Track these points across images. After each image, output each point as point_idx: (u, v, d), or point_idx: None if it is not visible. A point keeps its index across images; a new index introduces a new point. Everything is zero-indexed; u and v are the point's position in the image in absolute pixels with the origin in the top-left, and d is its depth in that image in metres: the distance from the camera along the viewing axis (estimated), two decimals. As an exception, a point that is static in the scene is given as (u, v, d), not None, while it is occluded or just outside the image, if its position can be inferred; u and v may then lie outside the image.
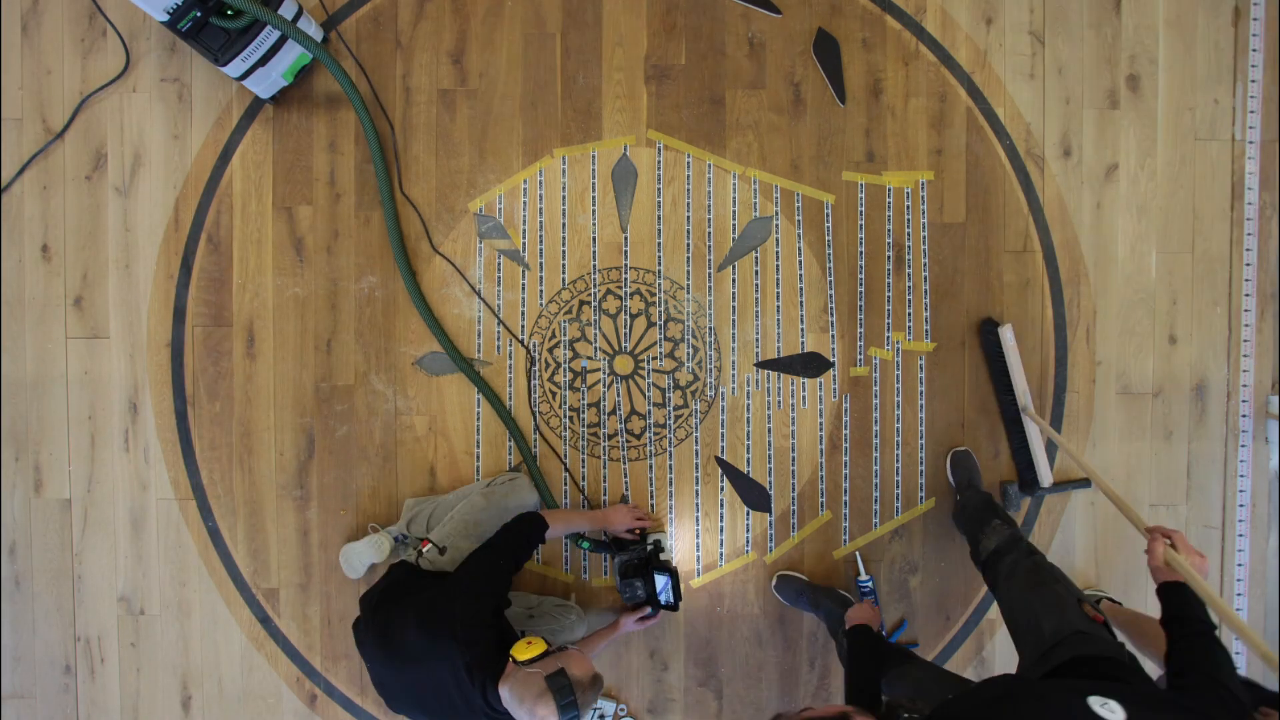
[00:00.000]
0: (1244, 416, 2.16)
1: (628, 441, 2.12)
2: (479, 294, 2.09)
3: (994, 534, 1.70)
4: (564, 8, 2.08)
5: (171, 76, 2.06)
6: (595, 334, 2.11)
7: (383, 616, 1.59)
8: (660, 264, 2.11)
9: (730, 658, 2.14)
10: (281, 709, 2.12)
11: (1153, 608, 2.14)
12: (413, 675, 1.51)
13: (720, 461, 2.13)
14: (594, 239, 2.10)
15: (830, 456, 2.13)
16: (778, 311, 2.12)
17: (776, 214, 2.11)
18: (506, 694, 1.43)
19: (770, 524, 2.13)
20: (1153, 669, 1.58)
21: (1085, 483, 2.13)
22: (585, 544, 2.03)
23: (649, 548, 1.99)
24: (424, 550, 1.75)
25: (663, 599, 1.94)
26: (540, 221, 2.10)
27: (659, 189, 2.10)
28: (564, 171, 2.10)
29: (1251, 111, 2.14)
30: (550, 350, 2.11)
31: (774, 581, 2.11)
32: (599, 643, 1.96)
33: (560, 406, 2.11)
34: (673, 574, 1.94)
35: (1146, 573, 2.14)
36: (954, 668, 2.15)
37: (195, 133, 2.07)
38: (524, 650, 1.46)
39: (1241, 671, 1.30)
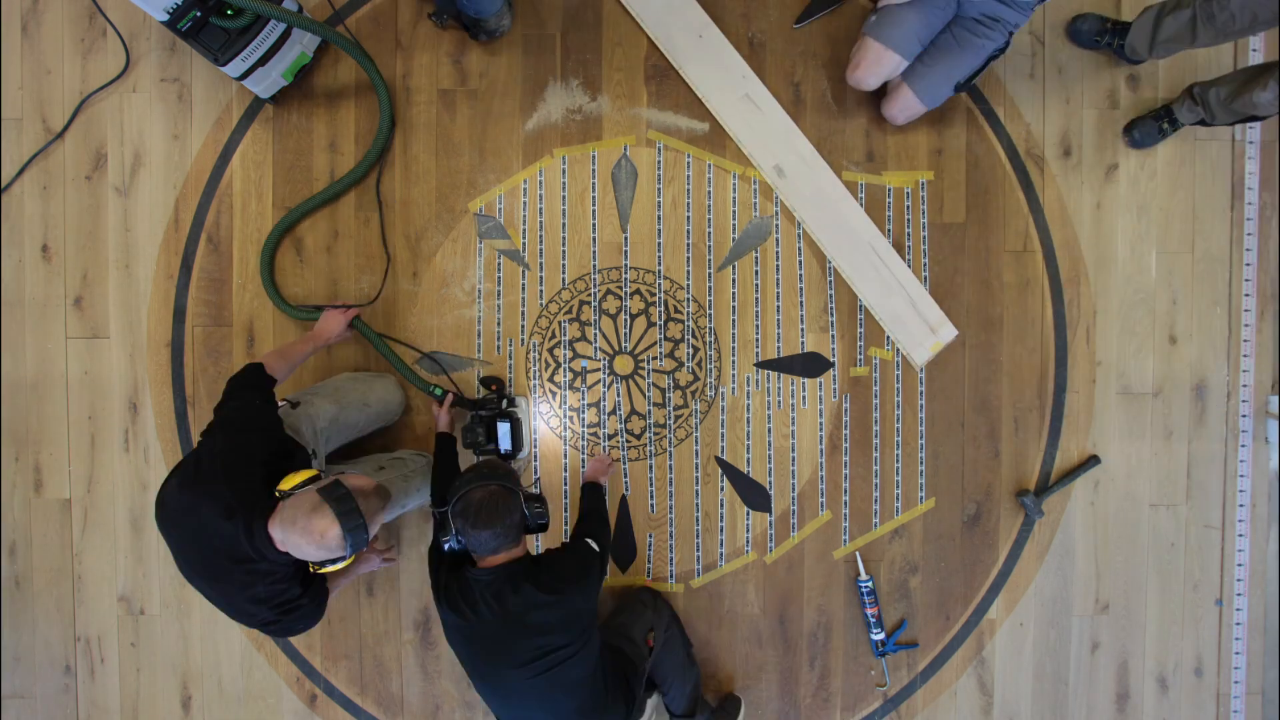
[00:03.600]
0: (1244, 416, 2.16)
1: (628, 441, 2.12)
2: (478, 285, 2.09)
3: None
4: (564, 8, 2.08)
5: (171, 76, 2.06)
6: (595, 334, 2.11)
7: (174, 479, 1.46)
8: (660, 264, 2.11)
9: (730, 658, 2.14)
10: (281, 709, 2.12)
11: (1153, 607, 2.15)
12: (189, 532, 1.37)
13: (720, 461, 2.13)
14: (594, 239, 2.10)
15: (830, 456, 2.13)
16: (778, 311, 2.12)
17: (776, 214, 2.11)
18: (278, 530, 1.29)
19: (770, 524, 2.13)
20: None
21: (1094, 461, 2.13)
22: (437, 390, 1.96)
23: (503, 403, 1.99)
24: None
25: (502, 446, 1.95)
26: (540, 221, 2.10)
27: (659, 189, 2.10)
28: (564, 171, 2.10)
29: (1251, 111, 2.14)
30: (550, 350, 2.11)
31: None
32: None
33: (560, 406, 2.11)
34: (515, 423, 1.96)
35: (1147, 573, 2.16)
36: (954, 668, 2.16)
37: (195, 133, 2.07)
38: (289, 480, 1.33)
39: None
